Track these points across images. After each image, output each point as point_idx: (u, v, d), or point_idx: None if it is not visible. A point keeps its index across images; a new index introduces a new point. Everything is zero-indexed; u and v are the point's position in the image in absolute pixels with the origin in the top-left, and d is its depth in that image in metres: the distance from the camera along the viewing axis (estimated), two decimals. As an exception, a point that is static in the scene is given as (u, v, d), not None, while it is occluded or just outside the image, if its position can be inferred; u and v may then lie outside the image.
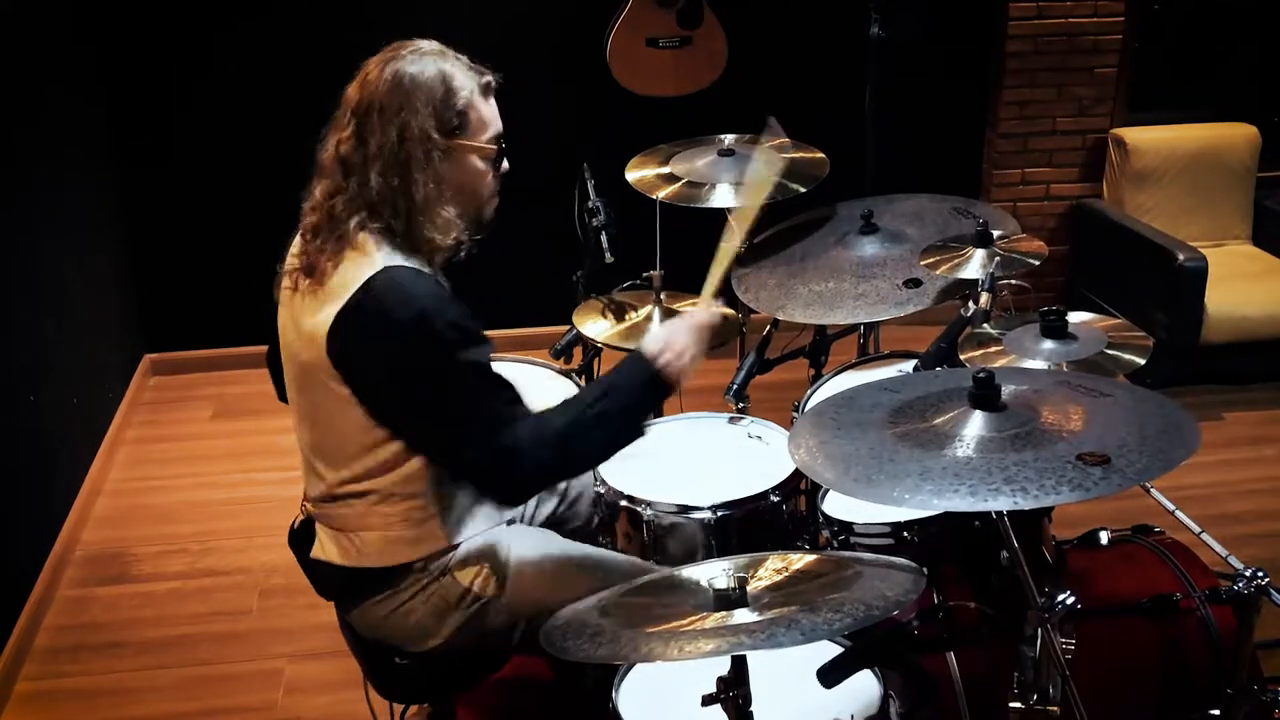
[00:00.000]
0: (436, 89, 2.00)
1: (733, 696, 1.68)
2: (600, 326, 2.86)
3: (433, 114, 1.99)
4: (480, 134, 2.07)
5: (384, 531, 2.09)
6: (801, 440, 1.82)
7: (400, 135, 1.98)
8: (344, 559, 2.13)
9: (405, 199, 1.99)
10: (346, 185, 2.01)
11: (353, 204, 2.00)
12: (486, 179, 2.10)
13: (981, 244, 2.63)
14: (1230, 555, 2.27)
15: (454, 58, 2.07)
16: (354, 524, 2.10)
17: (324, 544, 2.16)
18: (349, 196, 2.00)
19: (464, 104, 2.03)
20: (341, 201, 2.01)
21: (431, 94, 2.00)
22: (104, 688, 3.13)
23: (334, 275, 1.98)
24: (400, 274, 1.96)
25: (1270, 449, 4.12)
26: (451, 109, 2.01)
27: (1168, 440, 1.62)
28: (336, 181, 2.02)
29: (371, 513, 2.08)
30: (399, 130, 1.98)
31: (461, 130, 2.04)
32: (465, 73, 2.05)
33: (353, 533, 2.11)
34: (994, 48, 4.78)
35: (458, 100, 2.02)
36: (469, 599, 2.15)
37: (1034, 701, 1.85)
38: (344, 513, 2.10)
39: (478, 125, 2.06)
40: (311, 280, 2.01)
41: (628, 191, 3.12)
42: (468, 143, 2.05)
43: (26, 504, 3.50)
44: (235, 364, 4.74)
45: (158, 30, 4.40)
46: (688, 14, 4.36)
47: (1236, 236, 4.80)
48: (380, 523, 2.08)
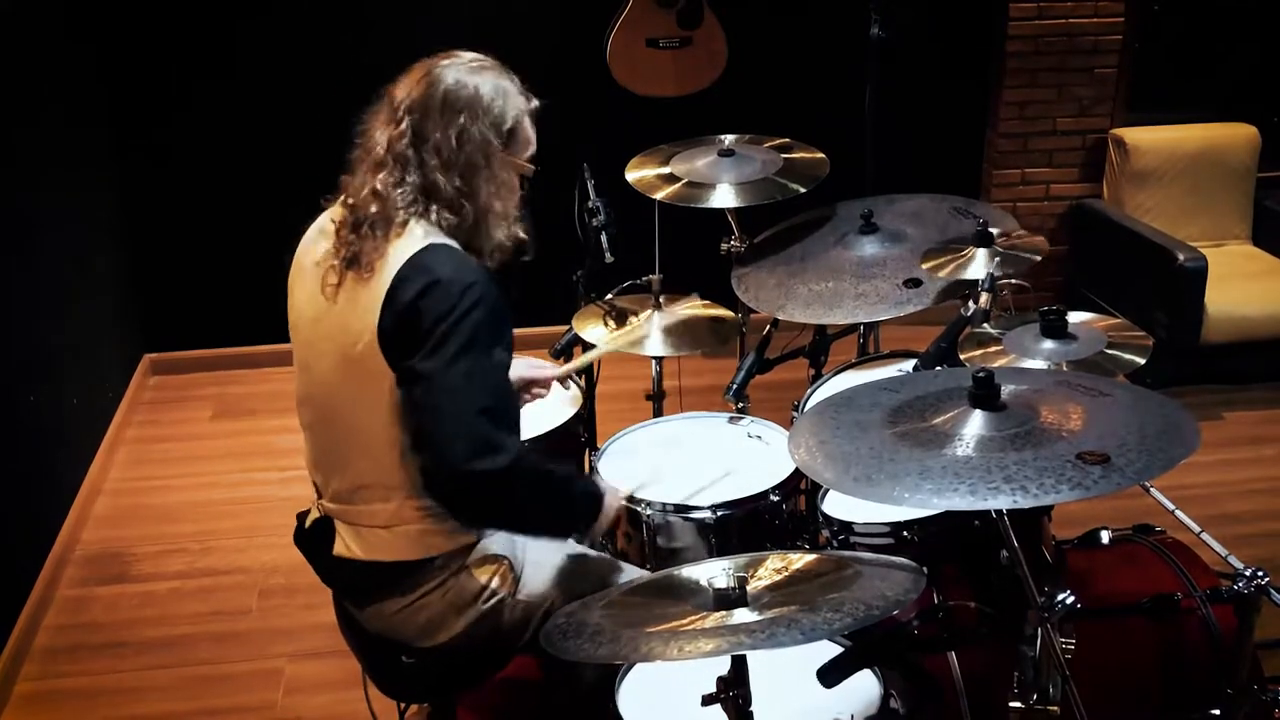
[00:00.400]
0: (497, 100, 2.07)
1: (733, 696, 1.68)
2: (599, 331, 2.86)
3: (491, 123, 2.06)
4: (523, 152, 2.14)
5: (418, 525, 2.09)
6: (801, 440, 1.82)
7: (461, 138, 2.04)
8: (370, 554, 2.13)
9: (467, 198, 2.06)
10: (404, 181, 2.05)
11: (408, 197, 2.05)
12: (516, 195, 2.15)
13: (982, 244, 2.63)
14: (1230, 555, 2.27)
15: (510, 77, 2.13)
16: (384, 519, 2.10)
17: (347, 542, 2.15)
18: (406, 190, 2.05)
19: (513, 121, 2.10)
20: (398, 195, 2.04)
21: (491, 104, 2.07)
22: (104, 688, 3.13)
23: (383, 261, 2.01)
24: (447, 250, 2.02)
25: (1270, 449, 4.12)
26: (503, 122, 2.08)
27: (1168, 440, 1.63)
28: (394, 176, 2.05)
29: (405, 506, 2.08)
30: (458, 134, 2.04)
31: (511, 145, 2.11)
32: (518, 93, 2.12)
33: (383, 528, 2.11)
34: (994, 48, 4.78)
35: (509, 116, 2.09)
36: (485, 595, 2.16)
37: (1034, 701, 1.85)
38: (375, 508, 2.10)
39: (523, 144, 2.14)
40: (356, 271, 2.02)
41: (628, 191, 3.12)
42: (514, 158, 2.12)
43: (26, 504, 3.50)
44: (235, 364, 4.74)
45: (158, 30, 4.40)
46: (688, 14, 4.36)
47: (1236, 236, 4.80)
48: (414, 515, 2.09)
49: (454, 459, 1.93)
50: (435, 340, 1.95)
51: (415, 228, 2.03)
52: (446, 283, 1.96)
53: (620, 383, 3.65)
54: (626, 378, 3.64)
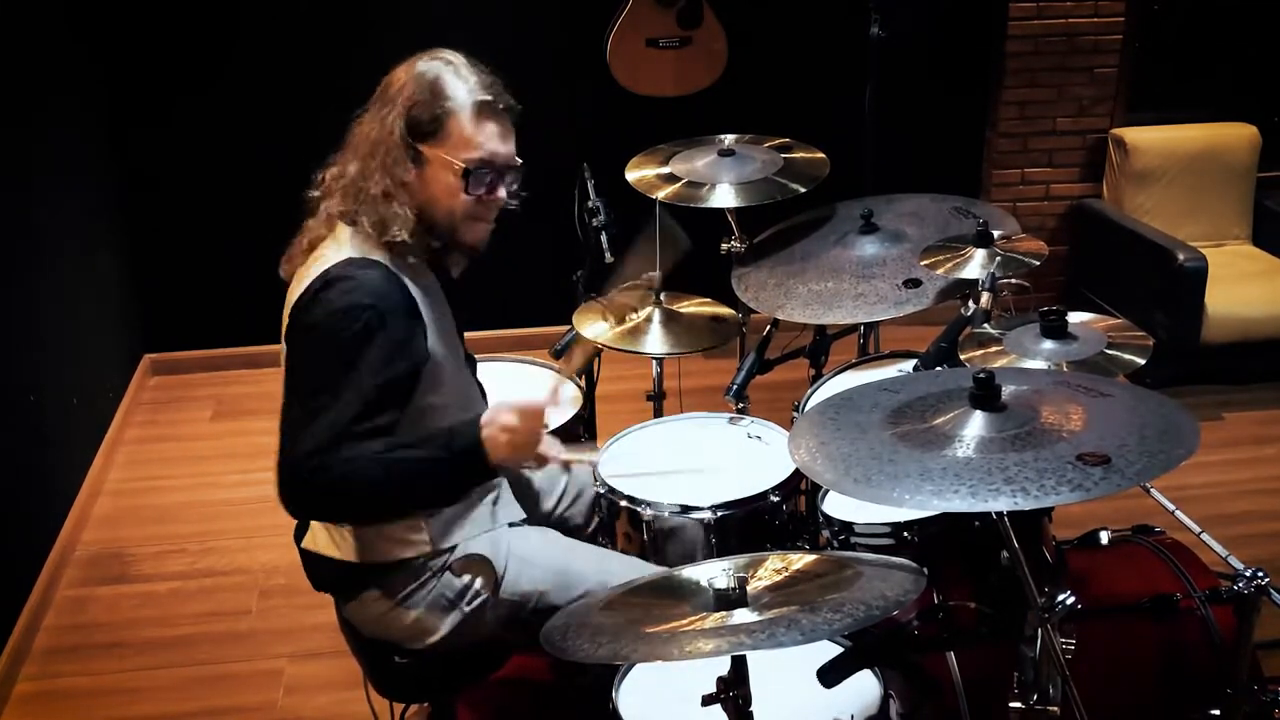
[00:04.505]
0: (422, 91, 2.03)
1: (733, 696, 1.68)
2: (599, 329, 2.86)
3: (406, 113, 2.02)
4: (457, 149, 2.04)
5: (368, 528, 2.10)
6: (801, 441, 1.82)
7: (379, 126, 2.04)
8: (332, 552, 2.14)
9: (365, 187, 2.04)
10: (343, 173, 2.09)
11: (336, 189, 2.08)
12: (457, 197, 2.06)
13: (981, 244, 2.63)
14: (1230, 555, 2.26)
15: (466, 71, 2.07)
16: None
17: (315, 534, 2.17)
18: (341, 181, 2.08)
19: (443, 112, 2.03)
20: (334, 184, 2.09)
21: (415, 94, 2.03)
22: (104, 688, 3.13)
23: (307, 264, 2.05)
24: (357, 264, 2.01)
25: (1270, 449, 4.12)
26: (428, 113, 2.02)
27: (1168, 440, 1.62)
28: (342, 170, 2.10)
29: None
30: (379, 122, 2.04)
31: (432, 137, 2.04)
32: (465, 87, 2.05)
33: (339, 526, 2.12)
34: (994, 48, 4.78)
35: (438, 107, 2.02)
36: (468, 597, 2.15)
37: (1034, 701, 1.85)
38: None
39: (456, 139, 2.04)
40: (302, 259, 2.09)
41: (628, 191, 3.12)
42: (435, 151, 2.04)
43: (26, 504, 3.50)
44: (235, 364, 4.75)
45: (158, 30, 4.40)
46: (688, 14, 4.36)
47: (1236, 236, 4.80)
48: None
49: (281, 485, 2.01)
50: (296, 356, 2.02)
51: (343, 231, 2.06)
52: (332, 300, 1.96)
53: (620, 383, 3.65)
54: (626, 378, 3.64)
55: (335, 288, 1.97)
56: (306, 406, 1.96)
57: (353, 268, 2.00)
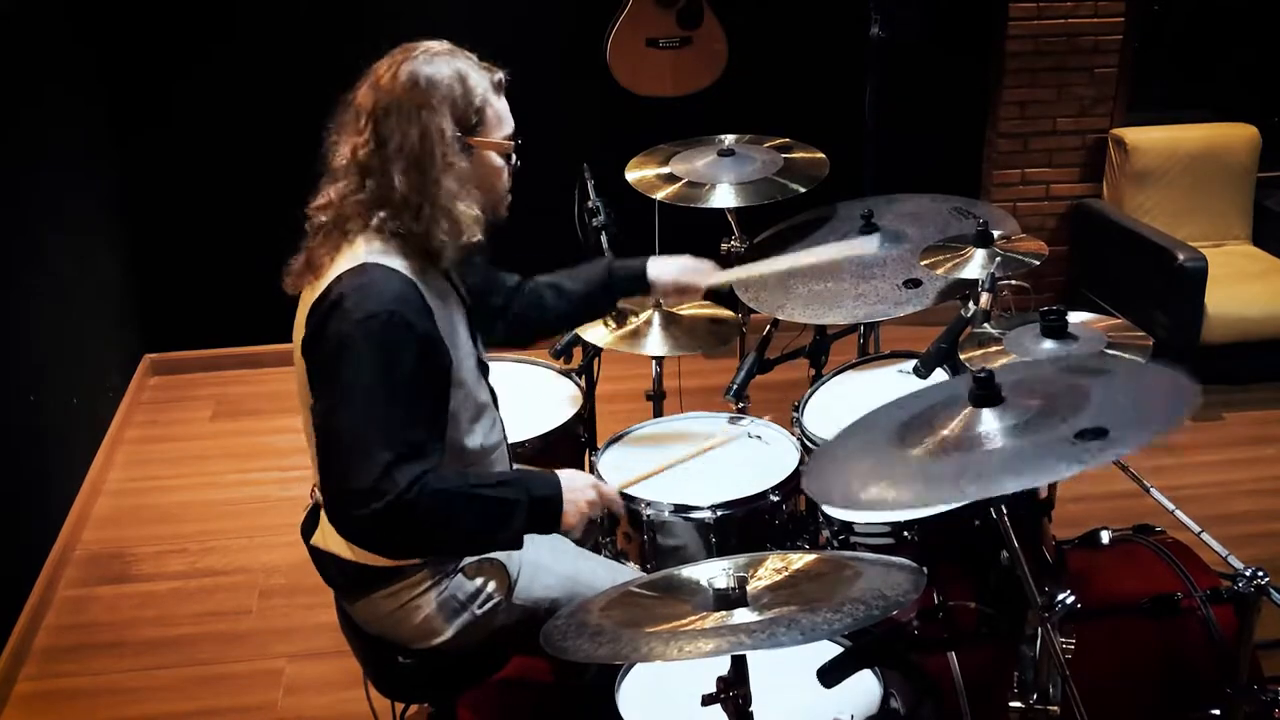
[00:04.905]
0: (454, 87, 2.02)
1: (733, 696, 1.68)
2: (599, 331, 2.86)
3: (451, 112, 2.01)
4: (496, 130, 2.09)
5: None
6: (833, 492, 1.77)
7: (421, 135, 1.99)
8: (343, 552, 2.13)
9: (427, 198, 2.00)
10: (363, 187, 2.02)
11: (366, 205, 2.02)
12: (503, 175, 2.12)
13: (981, 244, 2.63)
14: (1230, 555, 2.26)
15: (465, 56, 2.08)
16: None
17: (325, 533, 2.16)
18: (364, 198, 2.02)
19: (480, 101, 2.05)
20: (353, 203, 2.02)
21: (449, 92, 2.01)
22: (104, 688, 3.13)
23: (324, 273, 2.01)
24: (375, 270, 1.97)
25: (1270, 449, 4.11)
26: (469, 106, 2.03)
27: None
28: (352, 184, 2.03)
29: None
30: (420, 130, 1.99)
31: (480, 127, 2.06)
32: (478, 71, 2.07)
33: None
34: (994, 48, 4.78)
35: (474, 98, 2.04)
36: (480, 600, 2.15)
37: (1034, 701, 1.86)
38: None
39: (494, 122, 2.08)
40: (311, 276, 2.04)
41: (628, 191, 3.12)
42: (486, 140, 2.07)
43: (26, 504, 3.50)
44: (235, 364, 4.74)
45: (158, 30, 4.40)
46: (688, 14, 4.36)
47: (1236, 236, 4.80)
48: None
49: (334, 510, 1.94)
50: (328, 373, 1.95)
51: (361, 242, 2.01)
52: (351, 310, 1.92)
53: (620, 383, 3.65)
54: (626, 378, 3.64)
55: (353, 296, 1.94)
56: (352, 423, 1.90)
57: (369, 274, 1.97)
